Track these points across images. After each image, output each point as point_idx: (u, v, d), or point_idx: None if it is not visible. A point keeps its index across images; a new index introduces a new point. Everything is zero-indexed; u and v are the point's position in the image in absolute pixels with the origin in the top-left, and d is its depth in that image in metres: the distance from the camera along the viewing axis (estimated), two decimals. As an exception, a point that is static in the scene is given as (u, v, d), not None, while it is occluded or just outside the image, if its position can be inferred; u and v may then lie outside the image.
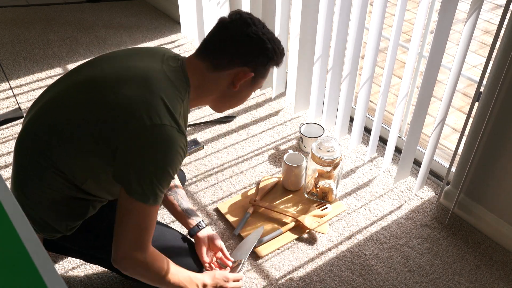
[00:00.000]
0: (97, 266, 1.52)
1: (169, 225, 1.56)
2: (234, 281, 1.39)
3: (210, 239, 1.45)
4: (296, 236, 1.62)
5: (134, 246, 1.11)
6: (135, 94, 1.08)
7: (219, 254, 1.48)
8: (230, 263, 1.47)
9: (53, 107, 1.16)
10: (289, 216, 1.65)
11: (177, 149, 1.08)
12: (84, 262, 1.53)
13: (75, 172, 1.15)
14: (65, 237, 1.26)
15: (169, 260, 1.22)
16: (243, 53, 1.17)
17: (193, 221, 1.46)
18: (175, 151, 1.07)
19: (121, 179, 1.09)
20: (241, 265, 1.46)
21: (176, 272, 1.22)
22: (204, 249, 1.43)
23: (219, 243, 1.46)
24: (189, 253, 1.40)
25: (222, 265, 1.47)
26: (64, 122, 1.13)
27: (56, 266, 1.52)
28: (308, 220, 1.63)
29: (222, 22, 1.18)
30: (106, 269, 1.51)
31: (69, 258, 1.54)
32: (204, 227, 1.46)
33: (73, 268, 1.52)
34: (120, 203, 1.10)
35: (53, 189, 1.16)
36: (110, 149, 1.08)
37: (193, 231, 1.45)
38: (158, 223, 1.39)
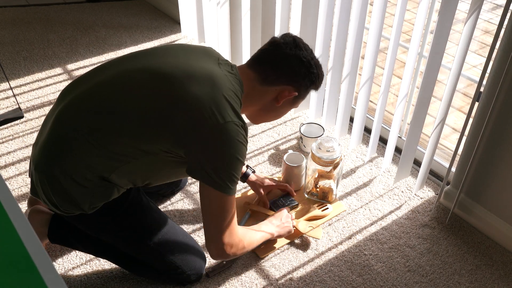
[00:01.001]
0: (97, 266, 1.52)
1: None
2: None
3: (261, 180, 1.70)
4: (289, 241, 1.61)
5: (224, 233, 1.24)
6: (204, 93, 1.16)
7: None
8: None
9: (112, 88, 1.21)
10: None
11: (244, 141, 1.19)
12: (84, 262, 1.53)
13: (118, 155, 1.18)
14: (81, 217, 1.27)
15: (248, 229, 1.40)
16: (292, 73, 1.28)
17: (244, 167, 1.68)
18: (240, 143, 1.17)
19: (201, 178, 1.18)
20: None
21: (255, 236, 1.40)
22: (261, 189, 1.67)
23: (268, 181, 1.70)
24: (194, 250, 1.45)
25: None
26: (125, 104, 1.18)
27: (56, 266, 1.52)
28: (301, 225, 1.62)
29: (275, 41, 1.29)
30: (106, 269, 1.51)
31: (68, 257, 1.54)
32: (254, 171, 1.72)
33: (73, 268, 1.52)
34: (207, 200, 1.21)
35: (90, 167, 1.19)
36: (177, 143, 1.16)
37: (247, 173, 1.69)
38: (170, 220, 1.44)
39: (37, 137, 1.28)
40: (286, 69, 1.28)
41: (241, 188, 1.81)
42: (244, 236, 1.32)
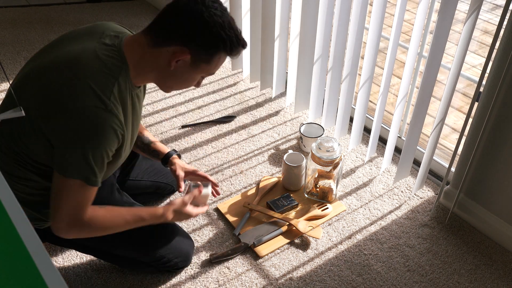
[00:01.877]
0: (97, 265, 1.52)
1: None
2: (194, 205, 1.37)
3: (183, 165, 1.53)
4: (289, 241, 1.62)
5: (71, 221, 1.14)
6: (59, 81, 1.09)
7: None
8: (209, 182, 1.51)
9: (10, 93, 1.21)
10: (281, 220, 1.65)
11: (106, 128, 1.08)
12: (84, 261, 1.53)
13: (31, 163, 1.17)
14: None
15: (111, 207, 1.25)
16: (182, 31, 1.11)
17: (168, 148, 1.55)
18: (104, 131, 1.08)
19: (57, 164, 1.11)
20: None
21: (120, 214, 1.25)
22: (181, 173, 1.49)
23: (191, 167, 1.53)
24: (178, 234, 1.46)
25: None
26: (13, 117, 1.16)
27: (56, 265, 1.53)
28: (301, 225, 1.63)
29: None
30: (106, 268, 1.51)
31: (68, 257, 1.54)
32: (179, 154, 1.55)
33: (74, 267, 1.52)
34: (56, 183, 1.12)
35: (26, 179, 1.19)
36: (45, 138, 1.10)
37: (170, 154, 1.52)
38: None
39: None
40: (177, 27, 1.12)
41: (241, 188, 1.81)
42: (97, 220, 1.20)
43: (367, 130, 2.06)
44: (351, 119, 2.06)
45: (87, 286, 1.47)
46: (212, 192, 1.51)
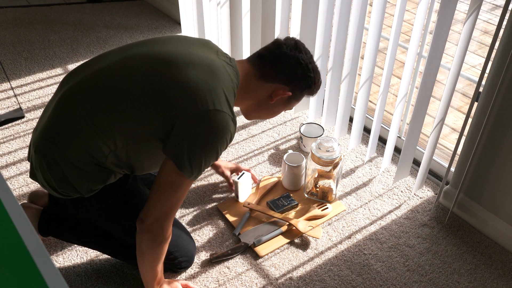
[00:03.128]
0: (98, 265, 1.53)
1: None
2: None
3: (224, 164, 1.77)
4: (289, 241, 1.62)
5: (166, 214, 1.22)
6: (201, 78, 1.17)
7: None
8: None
9: (112, 72, 1.23)
10: (281, 219, 1.65)
11: (228, 134, 1.19)
12: (84, 261, 1.54)
13: (115, 139, 1.19)
14: (78, 201, 1.28)
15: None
16: (289, 73, 1.30)
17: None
18: (226, 136, 1.18)
19: (173, 154, 1.17)
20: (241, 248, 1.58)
21: (160, 260, 1.32)
22: (228, 173, 1.76)
23: (233, 164, 1.79)
24: (186, 237, 1.50)
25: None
26: (124, 85, 1.20)
27: (57, 265, 1.53)
28: (301, 224, 1.63)
29: (278, 41, 1.33)
30: (106, 268, 1.52)
31: (69, 257, 1.55)
32: None
33: (74, 267, 1.52)
34: (164, 173, 1.19)
35: (87, 151, 1.20)
36: (167, 122, 1.16)
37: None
38: None
39: (38, 123, 1.31)
40: (284, 68, 1.30)
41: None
42: (168, 236, 1.28)
43: (367, 130, 2.06)
44: (351, 119, 2.06)
45: (87, 286, 1.47)
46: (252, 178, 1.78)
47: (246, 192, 1.73)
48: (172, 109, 1.15)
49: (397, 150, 1.97)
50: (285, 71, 1.30)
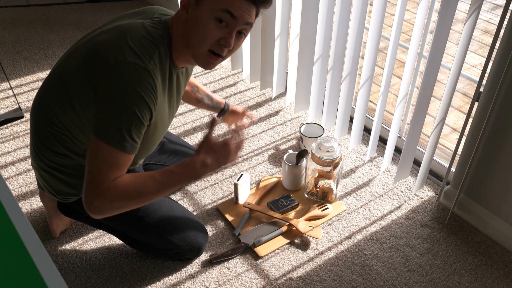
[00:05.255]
0: (97, 265, 1.52)
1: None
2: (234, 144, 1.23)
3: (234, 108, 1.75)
4: (289, 241, 1.62)
5: (94, 186, 1.08)
6: (104, 40, 1.11)
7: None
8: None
9: (54, 74, 1.24)
10: (281, 220, 1.65)
11: (141, 87, 1.06)
12: (84, 261, 1.53)
13: (80, 134, 1.19)
14: (80, 202, 1.20)
15: (133, 174, 1.14)
16: None
17: (223, 100, 1.73)
18: (138, 89, 1.05)
19: (92, 122, 1.09)
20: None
21: (149, 177, 1.13)
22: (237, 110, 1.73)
23: (241, 109, 1.75)
24: (194, 225, 1.49)
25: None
26: (61, 78, 1.18)
27: (56, 265, 1.53)
28: (301, 225, 1.63)
29: None
30: (106, 268, 1.51)
31: (68, 257, 1.54)
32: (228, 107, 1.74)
33: (73, 267, 1.52)
34: (90, 146, 1.09)
35: (60, 153, 1.24)
36: (84, 92, 1.11)
37: (227, 106, 1.72)
38: (169, 200, 1.49)
39: None
40: None
41: (241, 188, 1.82)
42: (121, 185, 1.11)
43: (367, 130, 2.06)
44: (351, 119, 2.06)
45: (87, 286, 1.47)
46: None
47: (245, 194, 1.73)
48: (83, 77, 1.10)
49: (397, 150, 1.97)
50: None
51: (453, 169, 1.72)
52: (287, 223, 1.64)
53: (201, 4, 1.10)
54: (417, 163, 1.91)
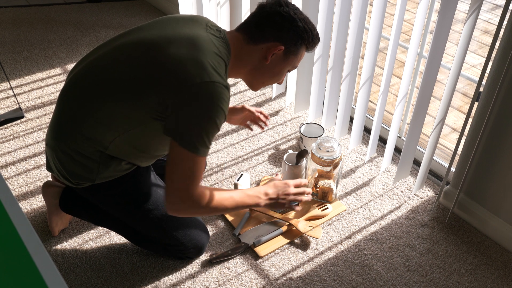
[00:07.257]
0: (97, 265, 1.52)
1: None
2: (295, 187, 1.45)
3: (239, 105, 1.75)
4: (289, 241, 1.62)
5: (183, 193, 1.22)
6: (183, 54, 1.19)
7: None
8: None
9: (104, 63, 1.27)
10: (281, 220, 1.65)
11: (221, 102, 1.18)
12: (84, 261, 1.54)
13: (117, 126, 1.24)
14: (90, 189, 1.35)
15: (217, 190, 1.31)
16: (275, 28, 1.28)
17: None
18: (219, 104, 1.18)
19: (173, 133, 1.19)
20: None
21: (228, 196, 1.32)
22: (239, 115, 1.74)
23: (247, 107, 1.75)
24: (197, 225, 1.51)
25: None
26: (115, 76, 1.24)
27: (56, 265, 1.53)
28: (301, 225, 1.63)
29: (260, 4, 1.32)
30: (106, 268, 1.52)
31: (68, 257, 1.54)
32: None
33: (73, 267, 1.52)
34: (172, 155, 1.20)
35: (91, 140, 1.26)
36: (161, 105, 1.18)
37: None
38: None
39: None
40: (269, 25, 1.29)
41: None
42: (207, 197, 1.28)
43: (367, 130, 2.06)
44: (351, 119, 2.06)
45: (87, 286, 1.47)
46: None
47: None
48: (162, 90, 1.18)
49: (397, 150, 1.97)
50: (270, 28, 1.28)
51: (453, 169, 1.72)
52: (287, 223, 1.64)
53: (286, 59, 1.33)
54: (417, 163, 1.91)
